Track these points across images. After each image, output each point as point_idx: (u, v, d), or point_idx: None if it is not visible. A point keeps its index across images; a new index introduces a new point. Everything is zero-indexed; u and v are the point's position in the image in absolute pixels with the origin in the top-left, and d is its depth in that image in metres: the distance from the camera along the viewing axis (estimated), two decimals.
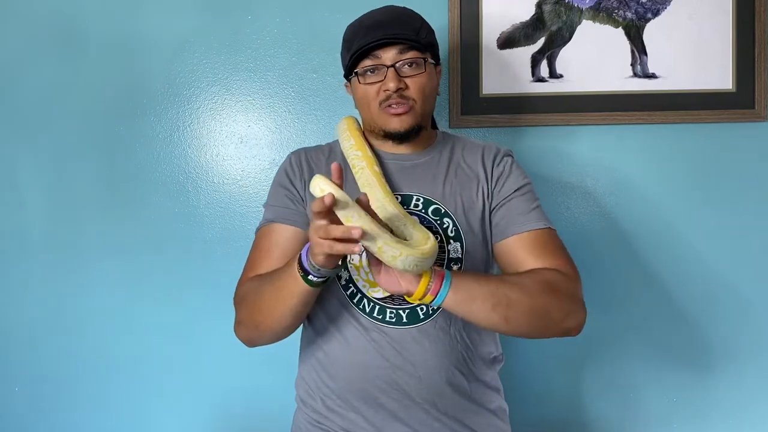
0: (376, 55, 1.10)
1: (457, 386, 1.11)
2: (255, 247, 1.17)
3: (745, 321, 1.54)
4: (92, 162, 1.59)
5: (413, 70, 1.11)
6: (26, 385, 1.63)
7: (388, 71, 1.10)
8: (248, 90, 1.57)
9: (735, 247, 1.53)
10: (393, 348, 1.08)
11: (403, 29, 1.10)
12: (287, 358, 1.52)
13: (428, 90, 1.13)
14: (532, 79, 1.52)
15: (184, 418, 1.60)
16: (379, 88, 1.11)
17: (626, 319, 1.54)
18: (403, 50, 1.10)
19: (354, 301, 1.11)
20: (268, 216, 1.17)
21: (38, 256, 1.61)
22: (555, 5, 1.50)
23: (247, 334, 1.11)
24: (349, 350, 1.10)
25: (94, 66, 1.58)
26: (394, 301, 1.09)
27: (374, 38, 1.09)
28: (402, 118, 1.12)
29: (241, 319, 1.11)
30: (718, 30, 1.49)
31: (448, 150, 1.21)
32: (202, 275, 1.58)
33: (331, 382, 1.12)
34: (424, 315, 1.10)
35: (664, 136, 1.52)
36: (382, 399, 1.09)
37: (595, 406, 1.56)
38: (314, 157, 1.20)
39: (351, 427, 1.11)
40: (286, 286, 1.00)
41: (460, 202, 1.14)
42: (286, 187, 1.17)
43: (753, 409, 1.55)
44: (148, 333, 1.60)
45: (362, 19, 1.16)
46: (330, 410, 1.12)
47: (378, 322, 1.09)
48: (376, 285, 1.09)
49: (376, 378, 1.09)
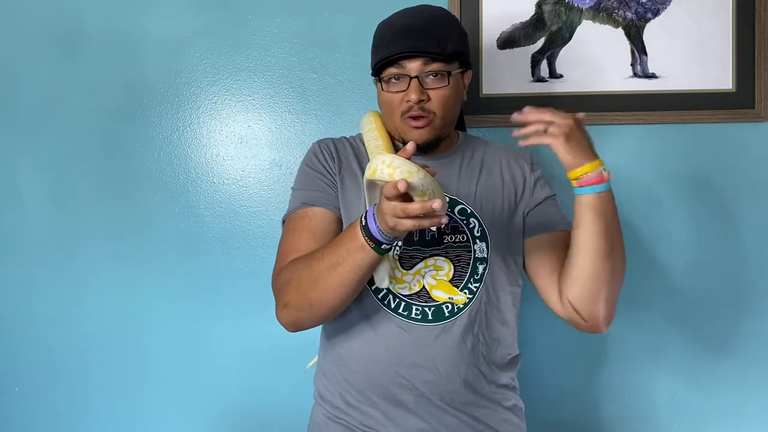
0: (401, 65, 1.11)
1: (474, 385, 1.12)
2: (290, 231, 1.14)
3: (745, 321, 1.54)
4: (92, 162, 1.59)
5: (436, 82, 1.11)
6: (26, 385, 1.63)
7: (411, 82, 1.10)
8: (248, 90, 1.57)
9: (735, 246, 1.53)
10: (415, 345, 1.09)
11: (430, 40, 1.09)
12: (288, 358, 1.53)
13: (450, 102, 1.13)
14: (532, 79, 1.52)
15: (185, 418, 1.60)
16: (402, 98, 1.11)
17: (626, 319, 1.54)
18: (428, 62, 1.10)
19: (379, 297, 1.11)
20: (302, 200, 1.15)
21: (38, 256, 1.60)
22: (555, 5, 1.50)
23: (297, 315, 1.07)
24: (372, 345, 1.11)
25: (94, 66, 1.58)
26: (420, 298, 1.10)
27: (400, 49, 1.09)
28: (421, 132, 1.13)
29: (288, 301, 1.07)
30: (718, 30, 1.49)
31: (470, 151, 1.23)
32: (202, 275, 1.58)
33: (351, 377, 1.13)
34: (449, 313, 1.11)
35: (664, 136, 1.52)
36: (401, 395, 1.10)
37: (595, 406, 1.57)
38: (341, 148, 1.21)
39: (369, 421, 1.11)
40: (348, 259, 0.98)
41: (486, 203, 1.16)
42: (319, 171, 1.17)
43: (753, 408, 1.55)
44: (148, 333, 1.59)
45: (393, 20, 1.15)
46: (348, 405, 1.13)
47: (403, 318, 1.10)
48: (402, 282, 1.10)
49: (395, 374, 1.10)
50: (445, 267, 1.12)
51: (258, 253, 1.57)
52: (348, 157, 1.19)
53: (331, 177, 1.16)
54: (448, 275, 1.12)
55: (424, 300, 1.10)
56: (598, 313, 1.09)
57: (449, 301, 1.10)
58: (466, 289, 1.12)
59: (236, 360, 1.58)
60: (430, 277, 1.11)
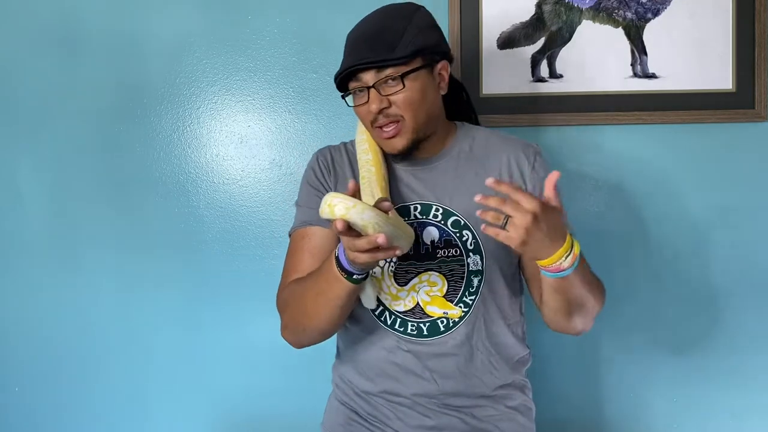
0: (358, 77, 1.08)
1: (475, 390, 1.13)
2: (292, 251, 1.16)
3: (746, 320, 1.54)
4: (92, 162, 1.59)
5: (392, 87, 1.06)
6: (26, 385, 1.63)
7: (370, 92, 1.07)
8: (248, 90, 1.57)
9: (735, 246, 1.53)
10: (414, 359, 1.11)
11: (379, 47, 1.06)
12: (289, 359, 1.52)
13: (417, 102, 1.07)
14: (532, 79, 1.52)
15: (185, 418, 1.60)
16: (366, 110, 1.09)
17: (626, 319, 1.54)
18: (381, 69, 1.06)
19: (376, 313, 1.13)
20: (302, 218, 1.16)
21: (38, 256, 1.60)
22: (555, 5, 1.50)
23: (294, 337, 1.13)
24: (376, 358, 1.14)
25: (94, 66, 1.58)
26: (414, 314, 1.11)
27: (351, 62, 1.07)
28: (394, 141, 1.09)
29: (286, 324, 1.12)
30: (718, 30, 1.49)
31: (468, 148, 1.17)
32: (202, 275, 1.58)
33: (360, 381, 1.16)
34: (444, 328, 1.11)
35: (664, 136, 1.52)
36: (405, 402, 1.13)
37: (596, 406, 1.56)
38: (337, 158, 1.20)
39: (376, 413, 1.15)
40: (328, 289, 1.01)
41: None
42: (316, 187, 1.17)
43: (754, 408, 1.55)
44: (148, 332, 1.60)
45: (352, 31, 1.13)
46: (359, 397, 1.17)
47: (400, 334, 1.12)
48: (398, 298, 1.11)
49: (398, 384, 1.13)
50: (438, 282, 1.12)
51: (258, 252, 1.57)
52: (344, 168, 1.18)
53: (327, 193, 1.16)
54: (442, 291, 1.11)
55: (419, 316, 1.11)
56: (570, 331, 1.14)
57: (444, 316, 1.11)
58: (461, 303, 1.12)
59: (236, 360, 1.58)
60: (423, 293, 1.12)
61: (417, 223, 1.12)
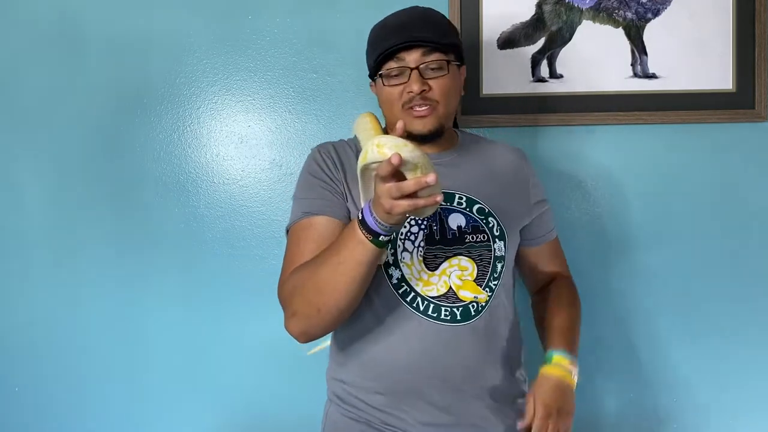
0: (400, 58, 1.11)
1: (499, 379, 1.14)
2: (293, 242, 1.12)
3: (746, 320, 1.54)
4: (92, 162, 1.59)
5: (436, 72, 1.12)
6: (26, 386, 1.63)
7: (412, 73, 1.11)
8: (248, 90, 1.57)
9: (735, 246, 1.53)
10: (446, 345, 1.10)
11: (427, 31, 1.11)
12: (289, 358, 1.53)
13: (451, 91, 1.14)
14: (532, 79, 1.52)
15: (185, 418, 1.60)
16: (403, 90, 1.12)
17: (626, 319, 1.54)
18: (427, 52, 1.11)
19: (407, 300, 1.11)
20: (305, 209, 1.13)
21: (38, 256, 1.60)
22: (555, 5, 1.50)
23: (305, 323, 1.05)
24: (399, 350, 1.11)
25: (94, 66, 1.58)
26: (447, 299, 1.11)
27: (399, 41, 1.10)
28: (425, 120, 1.13)
29: (295, 310, 1.05)
30: (718, 30, 1.49)
31: (474, 149, 1.25)
32: (202, 275, 1.58)
33: (376, 383, 1.12)
34: (475, 312, 1.12)
35: (664, 136, 1.52)
36: (433, 396, 1.10)
37: (596, 406, 1.57)
38: (342, 151, 1.20)
39: (394, 422, 1.11)
40: (349, 257, 0.98)
41: (500, 202, 1.18)
42: (320, 177, 1.15)
43: (754, 408, 1.55)
44: (148, 332, 1.59)
45: (387, 20, 1.16)
46: (372, 407, 1.12)
47: (433, 320, 1.10)
48: (430, 284, 1.11)
49: (427, 376, 1.10)
50: (468, 267, 1.13)
51: (258, 252, 1.57)
52: (351, 163, 1.17)
53: (333, 184, 1.15)
54: (473, 275, 1.13)
55: (452, 301, 1.11)
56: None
57: (474, 300, 1.12)
58: (487, 288, 1.14)
59: (237, 360, 1.58)
60: (455, 277, 1.12)
61: (440, 209, 1.14)
